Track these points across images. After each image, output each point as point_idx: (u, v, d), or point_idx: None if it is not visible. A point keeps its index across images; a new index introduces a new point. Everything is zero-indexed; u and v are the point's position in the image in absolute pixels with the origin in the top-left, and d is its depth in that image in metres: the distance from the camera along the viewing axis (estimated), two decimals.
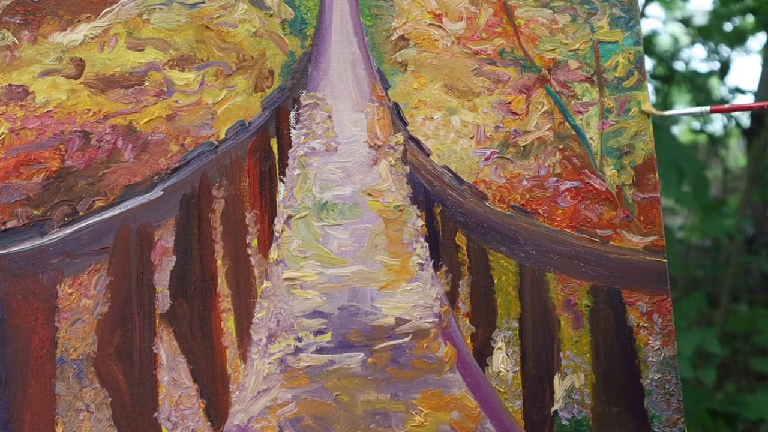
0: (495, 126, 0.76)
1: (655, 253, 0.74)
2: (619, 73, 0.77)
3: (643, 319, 0.74)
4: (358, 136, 0.74)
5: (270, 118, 0.74)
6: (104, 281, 0.70)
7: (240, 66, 0.74)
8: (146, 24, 0.73)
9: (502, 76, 0.76)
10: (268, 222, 0.73)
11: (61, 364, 0.69)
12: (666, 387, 0.73)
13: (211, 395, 0.70)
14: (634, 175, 0.76)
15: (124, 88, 0.73)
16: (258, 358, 0.71)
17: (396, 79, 0.75)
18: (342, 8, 0.75)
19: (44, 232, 0.70)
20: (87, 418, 0.69)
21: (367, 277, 0.72)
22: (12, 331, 0.69)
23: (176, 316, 0.71)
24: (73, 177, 0.71)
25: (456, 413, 0.72)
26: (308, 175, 0.73)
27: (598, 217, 0.75)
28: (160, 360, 0.70)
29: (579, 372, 0.73)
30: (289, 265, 0.72)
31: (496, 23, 0.77)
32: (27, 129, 0.71)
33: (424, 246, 0.74)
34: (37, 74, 0.72)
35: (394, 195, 0.74)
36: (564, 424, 0.73)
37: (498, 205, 0.75)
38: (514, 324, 0.74)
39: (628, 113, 0.76)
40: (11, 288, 0.69)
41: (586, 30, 0.77)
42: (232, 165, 0.73)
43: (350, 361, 0.71)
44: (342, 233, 0.73)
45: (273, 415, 0.70)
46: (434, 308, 0.73)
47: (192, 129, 0.73)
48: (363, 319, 0.72)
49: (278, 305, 0.72)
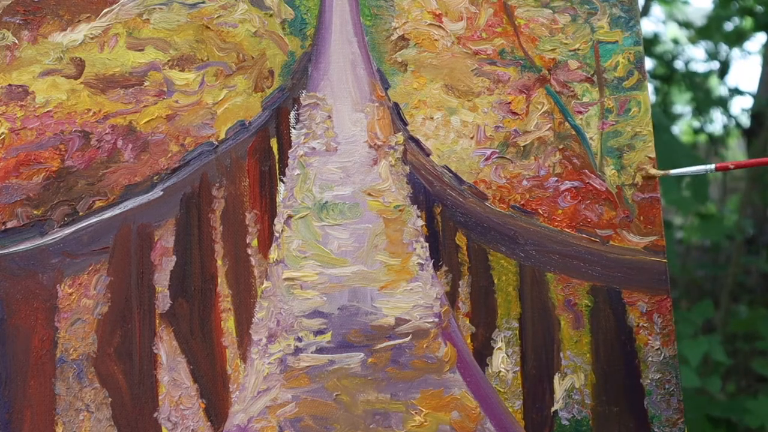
0: (495, 126, 0.76)
1: (655, 253, 0.74)
2: (619, 73, 0.77)
3: (643, 319, 0.74)
4: (358, 136, 0.74)
5: (270, 118, 0.74)
6: (104, 281, 0.70)
7: (240, 66, 0.74)
8: (146, 24, 0.73)
9: (502, 76, 0.76)
10: (268, 222, 0.73)
11: (61, 364, 0.69)
12: (666, 387, 0.73)
13: (211, 395, 0.70)
14: (634, 175, 0.76)
15: (124, 88, 0.73)
16: (258, 358, 0.71)
17: (396, 79, 0.75)
18: (342, 8, 0.75)
19: (44, 232, 0.70)
20: (87, 418, 0.69)
21: (367, 277, 0.72)
22: (12, 331, 0.69)
23: (176, 316, 0.71)
24: (73, 177, 0.71)
25: (456, 413, 0.72)
26: (308, 175, 0.73)
27: (598, 217, 0.75)
28: (160, 360, 0.70)
29: (579, 372, 0.73)
30: (289, 265, 0.72)
31: (496, 23, 0.77)
32: (27, 129, 0.71)
33: (424, 246, 0.74)
34: (37, 74, 0.72)
35: (394, 195, 0.74)
36: (564, 424, 0.73)
37: (498, 205, 0.75)
38: (514, 324, 0.74)
39: (628, 113, 0.76)
40: (11, 288, 0.69)
41: (586, 30, 0.77)
42: (232, 165, 0.73)
43: (350, 361, 0.71)
44: (342, 233, 0.73)
45: (273, 415, 0.70)
46: (434, 308, 0.73)
47: (192, 129, 0.73)
48: (363, 319, 0.72)
49: (278, 305, 0.71)
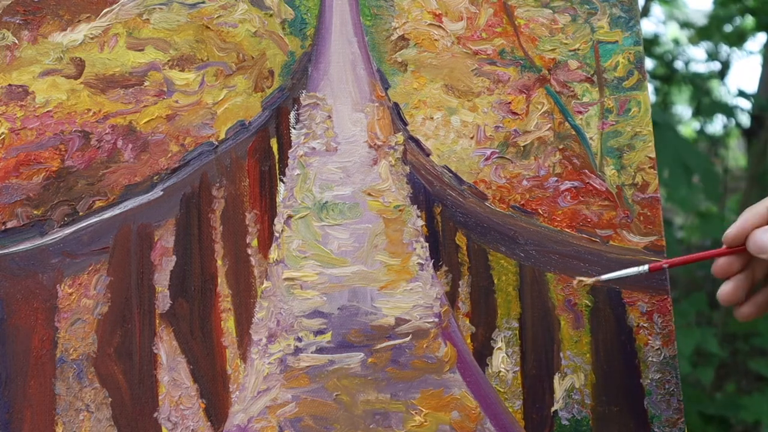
0: (495, 126, 0.76)
1: (655, 253, 0.74)
2: (619, 73, 0.77)
3: (643, 319, 0.74)
4: (358, 136, 0.74)
5: (270, 118, 0.74)
6: (104, 281, 0.70)
7: (240, 66, 0.74)
8: (146, 24, 0.73)
9: (502, 76, 0.76)
10: (268, 222, 0.73)
11: (61, 364, 0.69)
12: (666, 387, 0.73)
13: (211, 395, 0.70)
14: (634, 175, 0.76)
15: (124, 88, 0.73)
16: (258, 358, 0.71)
17: (396, 79, 0.75)
18: (342, 8, 0.75)
19: (44, 232, 0.70)
20: (87, 418, 0.69)
21: (367, 277, 0.72)
22: (12, 331, 0.69)
23: (176, 316, 0.71)
24: (73, 177, 0.71)
25: (456, 413, 0.72)
26: (308, 175, 0.73)
27: (598, 217, 0.75)
28: (160, 360, 0.70)
29: (579, 372, 0.73)
30: (289, 265, 0.72)
31: (496, 23, 0.77)
32: (27, 129, 0.71)
33: (424, 246, 0.74)
34: (37, 74, 0.72)
35: (394, 195, 0.74)
36: (564, 424, 0.73)
37: (498, 205, 0.75)
38: (514, 324, 0.74)
39: (628, 113, 0.76)
40: (11, 288, 0.69)
41: (586, 30, 0.77)
42: (232, 165, 0.73)
43: (350, 361, 0.71)
44: (342, 233, 0.73)
45: (273, 415, 0.70)
46: (434, 308, 0.73)
47: (192, 129, 0.73)
48: (363, 319, 0.72)
49: (278, 305, 0.71)
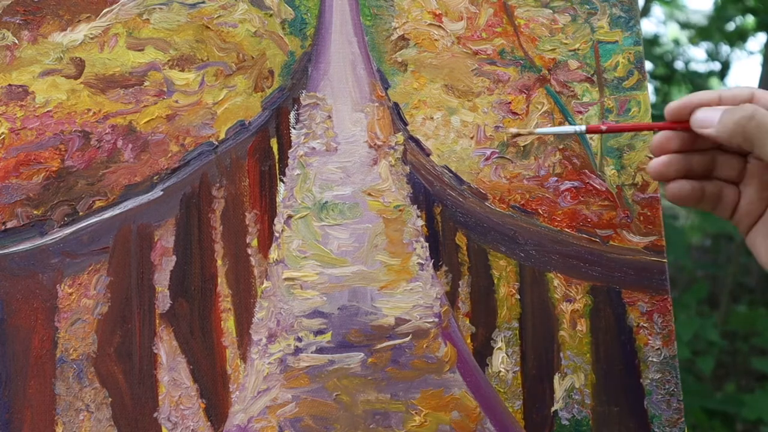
0: (495, 126, 0.76)
1: (655, 253, 0.74)
2: (619, 73, 0.77)
3: (643, 319, 0.74)
4: (358, 136, 0.74)
5: (270, 118, 0.74)
6: (104, 281, 0.70)
7: (240, 66, 0.74)
8: (146, 24, 0.73)
9: (502, 76, 0.76)
10: (268, 222, 0.73)
11: (61, 364, 0.69)
12: (666, 387, 0.73)
13: (211, 395, 0.70)
14: (634, 175, 0.76)
15: (124, 88, 0.73)
16: (258, 358, 0.71)
17: (396, 79, 0.75)
18: (342, 8, 0.75)
19: (44, 232, 0.70)
20: (87, 418, 0.69)
21: (367, 277, 0.72)
22: (12, 331, 0.69)
23: (176, 316, 0.71)
24: (73, 177, 0.71)
25: (456, 413, 0.72)
26: (308, 175, 0.73)
27: (598, 217, 0.75)
28: (160, 360, 0.70)
29: (579, 372, 0.73)
30: (289, 265, 0.72)
31: (496, 23, 0.77)
32: (27, 129, 0.71)
33: (424, 246, 0.74)
34: (37, 74, 0.72)
35: (394, 195, 0.74)
36: (564, 424, 0.73)
37: (498, 205, 0.75)
38: (514, 324, 0.74)
39: (628, 113, 0.76)
40: (11, 288, 0.69)
41: (586, 30, 0.77)
42: (232, 165, 0.73)
43: (350, 361, 0.71)
44: (342, 233, 0.73)
45: (273, 415, 0.70)
46: (434, 308, 0.73)
47: (192, 129, 0.73)
48: (363, 319, 0.72)
49: (278, 305, 0.71)
